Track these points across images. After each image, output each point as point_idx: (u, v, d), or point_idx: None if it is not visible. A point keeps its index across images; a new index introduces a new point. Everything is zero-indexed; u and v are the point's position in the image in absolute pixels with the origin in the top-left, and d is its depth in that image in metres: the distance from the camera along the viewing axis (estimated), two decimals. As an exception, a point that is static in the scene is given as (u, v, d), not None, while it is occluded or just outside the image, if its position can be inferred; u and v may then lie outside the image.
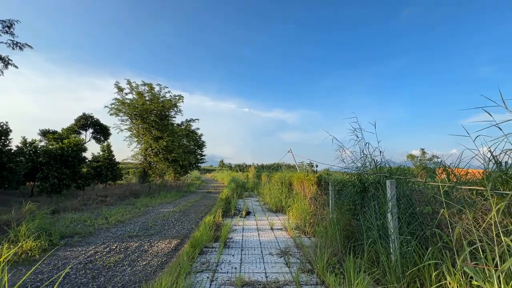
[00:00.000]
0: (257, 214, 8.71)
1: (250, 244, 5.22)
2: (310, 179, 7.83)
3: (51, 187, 11.73)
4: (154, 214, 8.85)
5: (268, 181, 14.76)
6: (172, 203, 12.03)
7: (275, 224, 7.21)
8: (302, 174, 8.91)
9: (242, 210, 8.79)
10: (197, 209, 10.27)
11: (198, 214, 9.25)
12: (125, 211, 8.97)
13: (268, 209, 9.91)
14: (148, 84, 15.92)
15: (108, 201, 10.48)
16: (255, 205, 11.05)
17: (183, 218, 8.29)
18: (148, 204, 10.89)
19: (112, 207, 9.85)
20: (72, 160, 13.00)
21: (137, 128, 16.38)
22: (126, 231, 6.31)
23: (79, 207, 8.99)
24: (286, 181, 10.74)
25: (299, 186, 9.06)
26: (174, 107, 16.98)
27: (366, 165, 4.42)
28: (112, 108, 15.31)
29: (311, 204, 7.54)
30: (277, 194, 10.30)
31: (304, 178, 8.54)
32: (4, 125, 10.99)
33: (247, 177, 26.32)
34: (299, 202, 8.14)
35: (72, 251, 4.78)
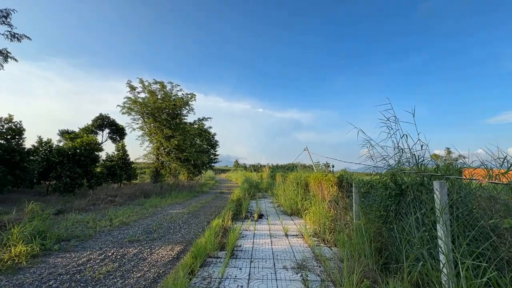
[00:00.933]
0: (270, 218, 8.01)
1: (261, 254, 4.53)
2: (329, 180, 7.02)
3: (64, 186, 11.68)
4: (162, 215, 8.39)
5: (282, 181, 14.00)
6: (183, 203, 11.59)
7: (290, 229, 6.47)
8: (320, 174, 8.10)
9: (254, 212, 8.12)
10: (207, 211, 9.73)
11: (208, 216, 8.69)
12: (132, 212, 8.58)
13: (282, 212, 9.17)
14: (159, 82, 15.70)
15: (117, 201, 10.20)
16: (269, 207, 10.34)
17: (191, 221, 7.75)
18: (157, 204, 10.50)
19: (120, 207, 9.53)
20: (85, 159, 12.94)
21: (149, 127, 16.19)
22: (128, 235, 5.83)
23: (86, 207, 8.73)
24: (302, 181, 9.95)
25: (317, 187, 8.25)
26: (186, 105, 16.65)
27: (403, 162, 3.59)
28: (124, 107, 15.21)
29: (330, 207, 6.73)
30: (292, 196, 9.53)
31: (322, 179, 7.73)
32: (18, 124, 11.07)
33: (261, 177, 25.65)
34: (316, 205, 7.35)
35: (64, 257, 4.32)
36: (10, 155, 10.06)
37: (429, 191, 3.05)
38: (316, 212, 6.93)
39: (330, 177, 6.87)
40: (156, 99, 15.32)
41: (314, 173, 9.21)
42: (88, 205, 9.25)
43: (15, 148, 10.31)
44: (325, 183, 7.37)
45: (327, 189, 7.33)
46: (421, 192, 3.10)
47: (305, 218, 7.71)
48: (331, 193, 6.92)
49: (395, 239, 3.60)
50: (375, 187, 4.44)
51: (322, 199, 7.62)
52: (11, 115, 11.00)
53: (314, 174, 8.88)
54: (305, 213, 7.85)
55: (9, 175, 9.90)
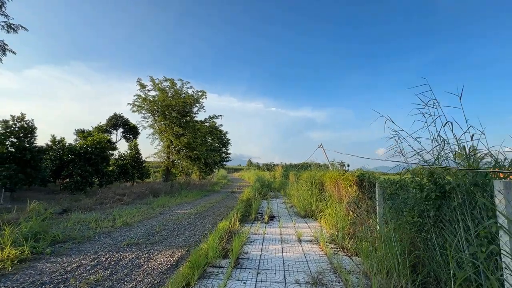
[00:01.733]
0: (282, 220, 7.40)
1: (270, 263, 3.95)
2: (347, 179, 6.31)
3: (75, 185, 11.66)
4: (168, 215, 8.01)
5: (295, 180, 13.33)
6: (192, 203, 11.22)
7: (304, 233, 5.83)
8: (336, 172, 7.40)
9: (265, 214, 7.54)
10: (215, 211, 9.27)
11: (216, 217, 8.22)
12: (138, 212, 8.27)
13: (295, 213, 8.53)
14: (169, 80, 15.46)
15: (125, 200, 9.97)
16: (281, 208, 9.73)
17: (197, 222, 7.30)
18: (165, 204, 10.18)
19: (127, 207, 9.28)
20: (95, 158, 12.91)
21: (159, 125, 16.03)
22: (128, 237, 5.45)
23: (92, 206, 8.52)
24: (317, 181, 9.26)
25: (333, 187, 7.56)
26: (196, 103, 16.34)
27: (444, 156, 2.89)
28: (134, 105, 15.10)
29: (348, 210, 6.04)
30: (306, 196, 8.87)
31: (339, 178, 7.03)
32: (30, 122, 11.14)
33: (274, 176, 25.02)
34: (333, 206, 6.68)
35: (54, 262, 3.96)
36: (21, 154, 10.09)
37: (485, 194, 2.35)
38: (332, 214, 6.25)
39: (349, 176, 6.17)
40: (166, 97, 15.09)
41: (330, 172, 8.49)
42: (95, 204, 9.06)
43: (26, 147, 10.35)
44: (343, 183, 6.67)
45: (345, 189, 6.63)
46: (474, 194, 2.40)
47: (320, 221, 7.04)
48: (350, 194, 6.21)
49: (434, 253, 2.92)
50: (405, 187, 3.74)
51: (339, 200, 6.92)
52: (23, 113, 11.09)
53: (330, 173, 8.18)
54: (320, 216, 7.19)
55: (20, 173, 9.95)
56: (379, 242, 3.81)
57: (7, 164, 9.61)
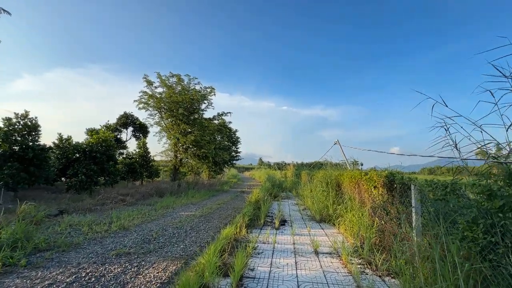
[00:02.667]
0: (295, 225, 6.60)
1: (282, 286, 3.17)
2: (371, 180, 5.41)
3: (79, 184, 11.34)
4: (170, 218, 7.39)
5: (309, 180, 12.44)
6: (198, 204, 10.60)
7: (321, 243, 5.01)
8: (357, 172, 6.49)
9: (275, 218, 6.75)
10: (222, 213, 8.58)
11: (222, 220, 7.52)
12: (139, 213, 7.71)
13: (309, 217, 7.69)
14: (176, 75, 14.93)
15: (128, 200, 9.47)
16: (293, 211, 8.90)
17: (200, 226, 6.62)
18: (169, 205, 9.60)
19: (130, 208, 8.76)
20: (101, 156, 12.56)
21: (166, 122, 15.55)
22: (120, 245, 4.82)
23: (92, 207, 8.04)
24: (333, 181, 8.36)
25: (353, 188, 6.66)
26: (204, 99, 15.73)
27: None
28: (141, 102, 14.66)
29: (373, 215, 5.16)
30: (321, 198, 8.01)
31: (360, 178, 6.13)
32: (34, 120, 10.89)
33: (285, 175, 24.16)
34: (354, 211, 5.80)
35: (25, 277, 3.36)
36: (24, 152, 9.82)
37: None
38: (354, 221, 5.39)
39: (373, 176, 5.26)
40: (173, 93, 14.56)
41: (349, 171, 7.58)
42: (96, 204, 8.59)
43: (29, 145, 10.08)
44: (365, 184, 5.76)
45: (368, 192, 5.73)
46: None
47: (339, 227, 6.18)
48: (375, 198, 5.32)
49: None
50: (461, 193, 2.86)
51: (361, 203, 6.03)
52: (27, 111, 10.85)
53: (349, 172, 7.27)
54: (338, 221, 6.32)
55: (23, 172, 9.68)
56: (422, 262, 2.96)
57: (10, 163, 9.33)
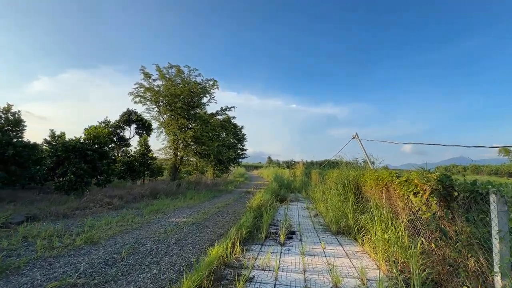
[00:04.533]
0: (306, 238, 5.26)
1: None
2: (410, 183, 3.99)
3: (68, 184, 10.38)
4: (156, 227, 6.20)
5: (320, 181, 11.04)
6: (195, 207, 9.41)
7: (343, 270, 3.66)
8: (385, 172, 5.07)
9: (281, 228, 5.42)
10: (220, 220, 7.34)
11: (218, 229, 6.28)
12: (121, 220, 6.57)
13: (323, 228, 6.32)
14: (175, 66, 13.77)
15: (115, 203, 8.37)
16: (303, 218, 7.55)
17: (188, 239, 5.38)
18: (161, 209, 8.44)
19: (115, 212, 7.66)
20: (92, 154, 11.59)
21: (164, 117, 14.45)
22: (73, 268, 3.64)
23: (69, 212, 6.95)
24: (351, 183, 6.96)
25: (379, 193, 5.25)
26: (205, 92, 14.52)
27: None
28: (138, 95, 13.57)
29: (414, 233, 3.78)
30: (337, 203, 6.62)
31: (390, 181, 4.72)
32: (16, 114, 10.00)
33: (294, 174, 22.72)
34: (384, 223, 4.42)
35: None
36: (3, 149, 8.90)
37: None
38: (386, 238, 4.01)
39: (414, 178, 3.85)
40: (171, 85, 13.42)
41: (373, 171, 6.16)
42: (78, 208, 7.53)
43: (9, 141, 9.16)
44: (399, 189, 4.35)
45: (403, 199, 4.32)
46: None
47: (363, 243, 4.80)
48: (415, 208, 3.90)
49: None
50: None
51: (391, 213, 4.63)
52: (10, 104, 9.98)
53: (373, 172, 5.85)
54: (362, 235, 4.94)
55: (2, 171, 8.77)
56: None
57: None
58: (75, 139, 11.73)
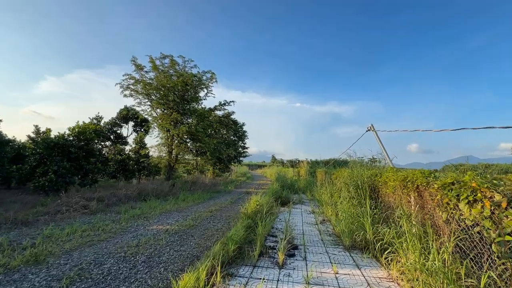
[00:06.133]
0: (312, 256, 4.11)
1: None
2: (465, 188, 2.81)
3: (49, 184, 9.42)
4: (129, 237, 5.13)
5: (327, 181, 9.86)
6: (185, 210, 8.33)
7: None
8: (417, 172, 3.87)
9: (281, 240, 4.28)
10: (209, 227, 6.23)
11: (205, 240, 5.18)
12: (90, 228, 5.52)
13: (333, 240, 5.15)
14: (168, 56, 12.70)
15: (92, 207, 7.33)
16: (308, 225, 6.38)
17: (163, 255, 4.28)
18: (144, 213, 7.39)
19: (89, 217, 6.63)
20: (76, 151, 10.62)
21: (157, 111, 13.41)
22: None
23: (30, 218, 5.92)
24: (365, 184, 5.78)
25: (406, 198, 4.07)
26: (200, 84, 13.42)
27: None
28: (128, 87, 12.52)
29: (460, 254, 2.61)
30: (349, 209, 5.45)
31: (425, 182, 3.54)
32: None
33: (298, 173, 21.53)
34: (417, 239, 3.26)
35: None
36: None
37: None
38: (421, 265, 2.85)
39: (471, 180, 2.67)
40: (164, 77, 12.35)
41: (395, 171, 4.97)
42: (47, 213, 6.52)
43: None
44: (440, 195, 3.17)
45: (446, 208, 3.13)
46: None
47: (388, 266, 3.63)
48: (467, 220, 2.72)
49: None
50: None
51: (425, 225, 3.45)
52: None
53: (397, 172, 4.66)
54: (386, 252, 3.76)
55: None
56: None
57: None
58: (59, 135, 10.77)
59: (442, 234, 3.22)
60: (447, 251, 2.85)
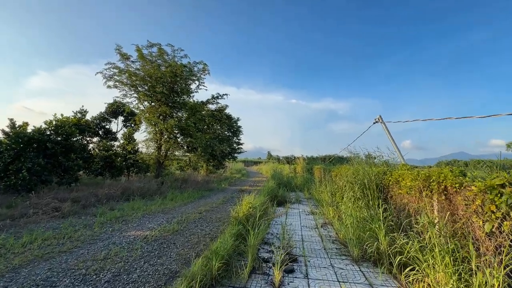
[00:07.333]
0: (315, 272, 3.40)
1: None
2: None
3: (21, 183, 8.54)
4: (98, 247, 4.36)
5: (326, 178, 9.17)
6: (172, 211, 7.57)
7: None
8: (445, 170, 3.17)
9: (278, 250, 3.57)
10: (196, 232, 5.48)
11: (188, 249, 4.44)
12: (55, 235, 4.73)
13: (337, 247, 4.45)
14: (156, 45, 11.77)
15: (64, 209, 6.51)
16: (308, 230, 5.68)
17: (134, 271, 3.53)
18: (125, 215, 6.60)
19: (57, 222, 5.82)
20: (54, 147, 9.72)
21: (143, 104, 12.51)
22: None
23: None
24: (372, 183, 5.09)
25: (428, 201, 3.37)
26: (191, 75, 12.54)
27: None
28: (110, 78, 11.55)
29: None
30: (356, 212, 4.76)
31: (456, 183, 2.84)
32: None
33: (295, 170, 20.88)
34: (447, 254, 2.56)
35: None
36: None
37: None
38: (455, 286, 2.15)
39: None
40: (151, 67, 11.45)
41: (410, 168, 4.27)
42: (10, 217, 5.69)
43: None
44: (480, 200, 2.47)
45: (490, 218, 2.43)
46: None
47: (408, 285, 2.93)
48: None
49: None
50: None
51: (455, 237, 2.76)
52: None
53: (415, 169, 3.96)
54: (404, 268, 3.07)
55: None
56: None
57: None
58: (34, 129, 9.84)
59: (482, 250, 2.53)
60: (497, 275, 2.16)
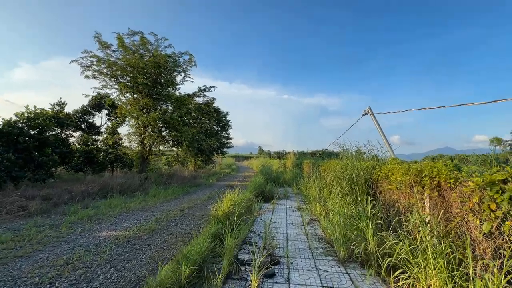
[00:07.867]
0: (297, 276, 3.11)
1: None
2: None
3: (-12, 180, 7.90)
4: (62, 250, 3.93)
5: (315, 173, 8.93)
6: (152, 208, 7.16)
7: None
8: (439, 164, 2.92)
9: (259, 251, 3.26)
10: (175, 231, 5.12)
11: (163, 250, 4.08)
12: (14, 237, 4.27)
13: (322, 247, 4.19)
14: (138, 33, 11.10)
15: (31, 208, 5.99)
16: (293, 227, 5.41)
17: (97, 278, 3.14)
18: (99, 213, 6.15)
19: (21, 222, 5.32)
20: (26, 141, 9.05)
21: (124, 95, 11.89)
22: None
23: None
24: (361, 178, 4.85)
25: (419, 197, 3.12)
26: (177, 67, 11.97)
27: None
28: (89, 67, 10.84)
29: None
30: (343, 208, 4.51)
31: (450, 178, 2.58)
32: None
33: (284, 165, 20.70)
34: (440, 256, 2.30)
35: None
36: None
37: None
38: None
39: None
40: (133, 57, 10.81)
41: (400, 162, 4.03)
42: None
43: None
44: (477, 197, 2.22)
45: (488, 217, 2.18)
46: None
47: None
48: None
49: None
50: None
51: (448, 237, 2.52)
52: None
53: (405, 164, 3.72)
54: (394, 270, 2.82)
55: None
56: None
57: None
58: (4, 121, 9.11)
59: (479, 252, 2.29)
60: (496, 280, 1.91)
